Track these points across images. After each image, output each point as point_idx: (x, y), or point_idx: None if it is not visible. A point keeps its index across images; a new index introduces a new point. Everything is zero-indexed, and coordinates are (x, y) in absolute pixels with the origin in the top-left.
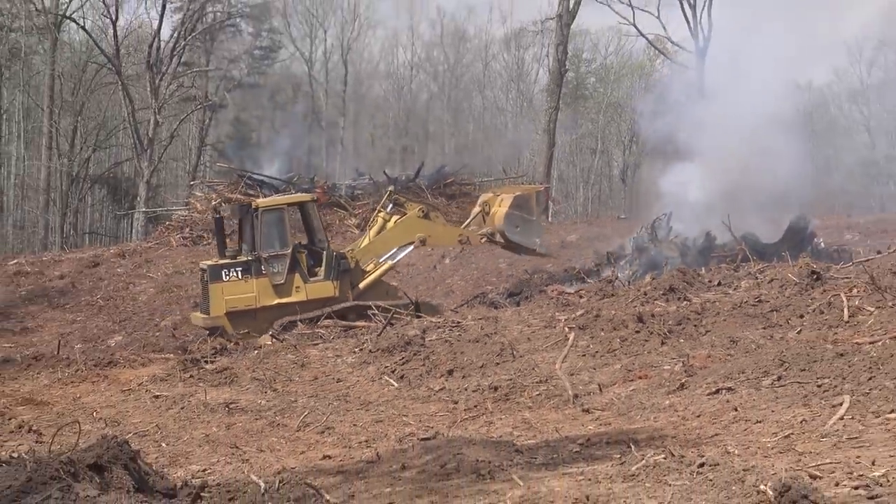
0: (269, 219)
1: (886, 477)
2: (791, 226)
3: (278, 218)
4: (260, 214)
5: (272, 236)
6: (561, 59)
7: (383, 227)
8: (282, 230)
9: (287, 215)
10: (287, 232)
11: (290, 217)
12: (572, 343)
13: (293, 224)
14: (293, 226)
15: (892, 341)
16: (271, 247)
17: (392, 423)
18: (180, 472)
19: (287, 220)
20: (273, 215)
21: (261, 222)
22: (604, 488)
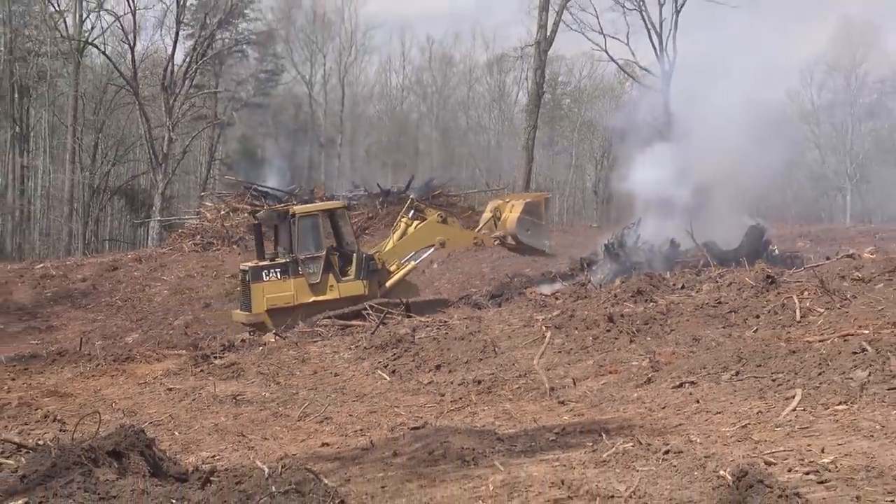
0: (305, 224)
1: (835, 463)
2: (748, 234)
3: (313, 223)
4: (297, 220)
5: (308, 240)
6: (539, 82)
7: (405, 232)
8: (316, 234)
9: (321, 221)
10: (321, 236)
11: (323, 223)
12: (549, 341)
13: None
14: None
15: (840, 340)
16: (307, 249)
17: (385, 413)
18: (191, 459)
19: (321, 225)
20: (308, 221)
21: (297, 227)
22: (577, 473)
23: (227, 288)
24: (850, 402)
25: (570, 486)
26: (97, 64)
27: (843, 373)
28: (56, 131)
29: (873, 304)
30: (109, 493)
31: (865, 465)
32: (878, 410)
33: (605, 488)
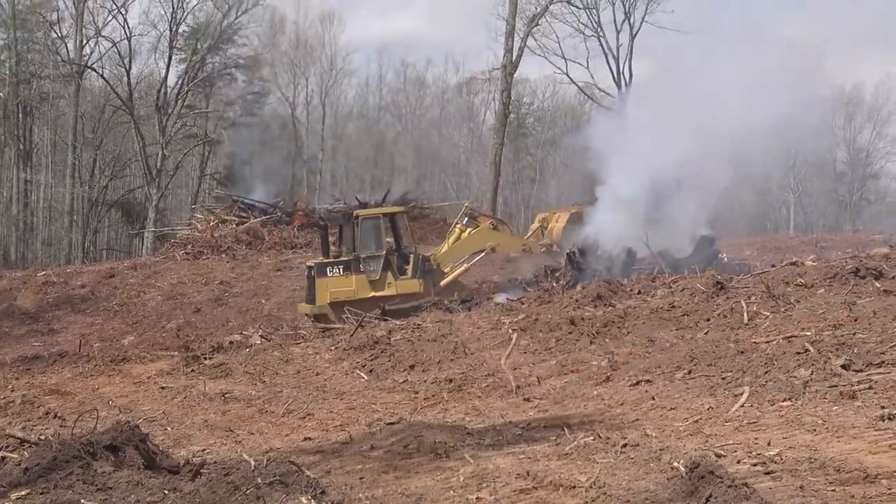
0: (367, 225)
1: (780, 456)
2: (699, 243)
3: (374, 225)
4: (360, 222)
5: (369, 240)
6: (505, 103)
7: (459, 237)
8: (377, 235)
9: (382, 223)
10: (382, 237)
11: (384, 225)
12: (515, 342)
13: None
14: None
15: (784, 341)
16: (368, 249)
17: (363, 410)
18: (183, 452)
19: (382, 226)
20: (370, 223)
21: (360, 228)
22: (542, 465)
23: (216, 294)
24: (795, 399)
25: (534, 477)
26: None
27: (788, 372)
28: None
29: (815, 308)
30: (106, 484)
31: (808, 457)
32: (820, 406)
33: (567, 479)
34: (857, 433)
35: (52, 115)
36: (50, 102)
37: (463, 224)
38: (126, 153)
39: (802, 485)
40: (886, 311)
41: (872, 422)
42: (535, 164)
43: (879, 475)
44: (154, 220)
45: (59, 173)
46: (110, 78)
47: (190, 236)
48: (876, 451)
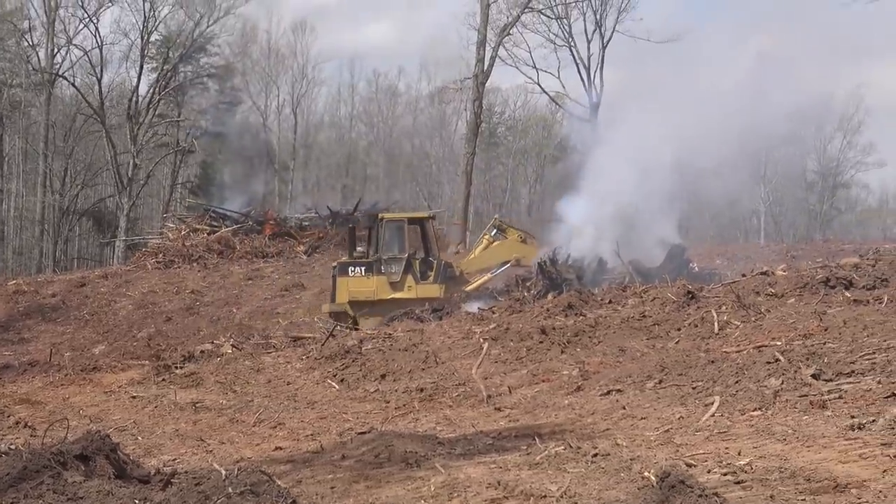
0: (391, 228)
1: (751, 465)
2: (670, 252)
3: (398, 228)
4: (384, 224)
5: (392, 242)
6: (477, 112)
7: (487, 247)
8: (401, 238)
9: (406, 227)
10: (405, 240)
11: (408, 230)
12: (486, 352)
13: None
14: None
15: (755, 350)
16: (391, 251)
17: (334, 419)
18: (154, 462)
19: (406, 231)
20: (394, 225)
21: (384, 230)
22: (513, 475)
23: (187, 303)
24: (765, 409)
25: (505, 487)
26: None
27: (758, 381)
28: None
29: (785, 317)
30: (77, 494)
31: (779, 466)
32: (790, 416)
33: (538, 489)
34: (828, 442)
35: (23, 123)
36: (21, 111)
37: (491, 235)
38: (97, 162)
39: (773, 494)
40: (856, 320)
41: (842, 431)
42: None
43: (849, 484)
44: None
45: (30, 182)
46: (82, 86)
47: (161, 245)
48: (846, 460)
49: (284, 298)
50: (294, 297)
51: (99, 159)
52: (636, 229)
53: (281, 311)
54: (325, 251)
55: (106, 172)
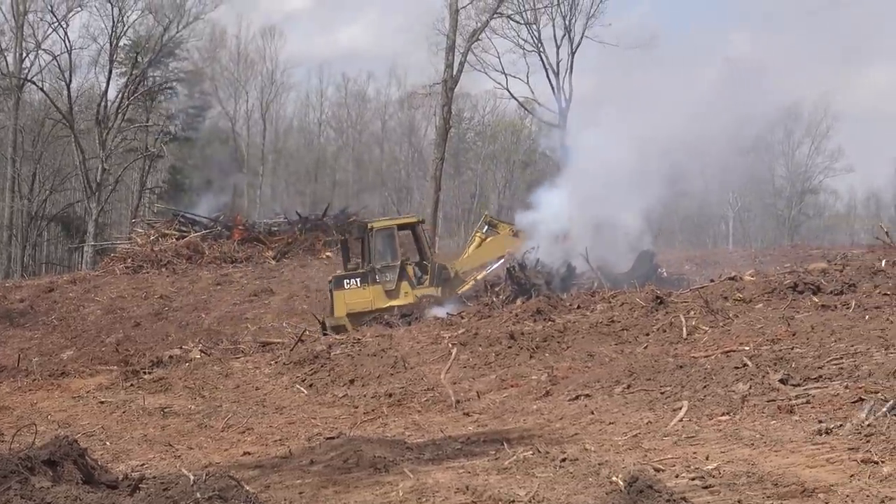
0: (381, 236)
1: (718, 470)
2: (639, 258)
3: (388, 235)
4: (374, 233)
5: (384, 251)
6: (446, 118)
7: (480, 244)
8: (392, 246)
9: (396, 234)
10: (396, 247)
11: (399, 236)
12: (455, 357)
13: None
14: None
15: (723, 356)
16: (384, 259)
17: (302, 424)
18: (122, 467)
19: (396, 237)
20: (384, 233)
21: (374, 240)
22: (481, 480)
23: (156, 308)
24: (733, 413)
25: (474, 492)
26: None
27: (726, 386)
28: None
29: (753, 322)
30: (45, 499)
31: (746, 471)
32: (758, 421)
33: (506, 493)
34: (795, 447)
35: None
36: None
37: (483, 232)
38: (66, 167)
39: (740, 499)
40: (824, 325)
41: (810, 436)
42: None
43: (817, 489)
44: (94, 234)
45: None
46: (50, 91)
47: (130, 250)
48: (813, 465)
49: (253, 304)
50: (263, 303)
51: (67, 164)
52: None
53: (250, 317)
54: (294, 256)
55: (75, 177)
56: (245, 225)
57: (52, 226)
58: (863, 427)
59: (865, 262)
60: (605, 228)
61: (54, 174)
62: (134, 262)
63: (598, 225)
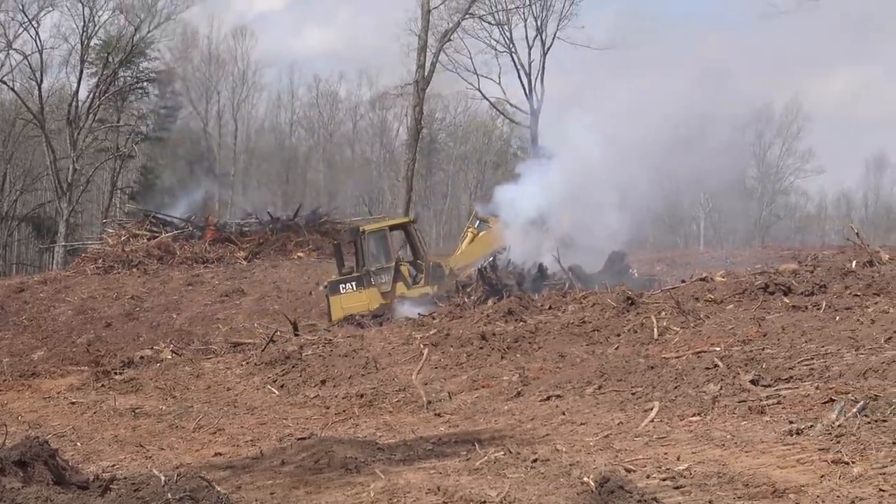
0: (373, 238)
1: (689, 470)
2: (610, 258)
3: (380, 237)
4: (366, 236)
5: (378, 253)
6: (417, 118)
7: (473, 240)
8: (385, 247)
9: (388, 235)
10: (390, 248)
11: (391, 237)
12: (426, 357)
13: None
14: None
15: (694, 356)
16: (377, 262)
17: (274, 425)
18: (93, 468)
19: (389, 238)
20: (376, 235)
21: (367, 242)
22: (452, 480)
23: (127, 309)
24: (704, 414)
25: (445, 492)
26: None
27: (697, 387)
28: None
29: (724, 323)
30: (15, 500)
31: (717, 471)
32: (728, 421)
33: (478, 494)
34: (766, 448)
35: None
36: None
37: (475, 227)
38: (37, 167)
39: (711, 499)
40: (795, 326)
41: (780, 436)
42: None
43: (787, 490)
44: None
45: None
46: (21, 91)
47: (101, 251)
48: (784, 465)
49: (224, 304)
50: (234, 303)
51: (38, 164)
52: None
53: (221, 317)
54: (266, 257)
55: (45, 177)
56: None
57: (23, 226)
58: (833, 428)
59: (836, 263)
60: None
61: (25, 174)
62: (105, 263)
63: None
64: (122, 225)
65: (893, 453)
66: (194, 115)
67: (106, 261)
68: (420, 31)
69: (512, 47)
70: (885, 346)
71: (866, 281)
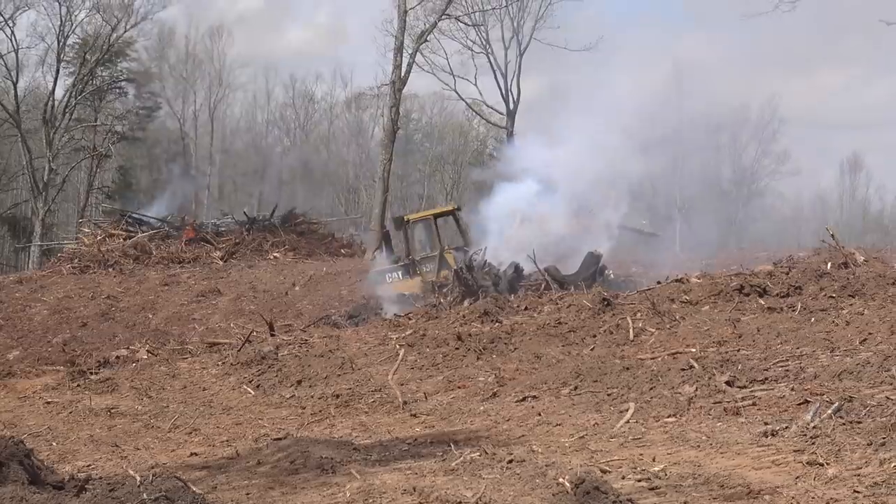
0: (419, 228)
1: (665, 471)
2: (586, 260)
3: (425, 227)
4: (410, 225)
5: (423, 242)
6: (394, 119)
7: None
8: (430, 236)
9: (433, 224)
10: (435, 237)
11: (436, 225)
12: (402, 358)
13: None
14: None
15: (669, 357)
16: (423, 250)
17: (249, 425)
18: (68, 468)
19: (434, 227)
20: (421, 224)
21: (412, 231)
22: (428, 481)
23: (103, 308)
24: (679, 415)
25: (421, 493)
26: None
27: (673, 388)
28: None
29: (700, 324)
30: None
31: (692, 472)
32: (704, 422)
33: (453, 494)
34: (741, 449)
35: None
36: None
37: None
38: (12, 166)
39: (686, 500)
40: (770, 328)
41: (756, 438)
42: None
43: (762, 491)
44: (41, 233)
45: None
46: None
47: (77, 250)
48: (759, 466)
49: (201, 304)
50: (210, 303)
51: (14, 164)
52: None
53: (197, 317)
54: (242, 257)
55: (21, 177)
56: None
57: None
58: (808, 429)
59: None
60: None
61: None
62: (81, 262)
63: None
64: (98, 225)
65: (868, 455)
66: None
67: (82, 260)
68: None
69: (488, 48)
70: (860, 347)
71: (841, 283)
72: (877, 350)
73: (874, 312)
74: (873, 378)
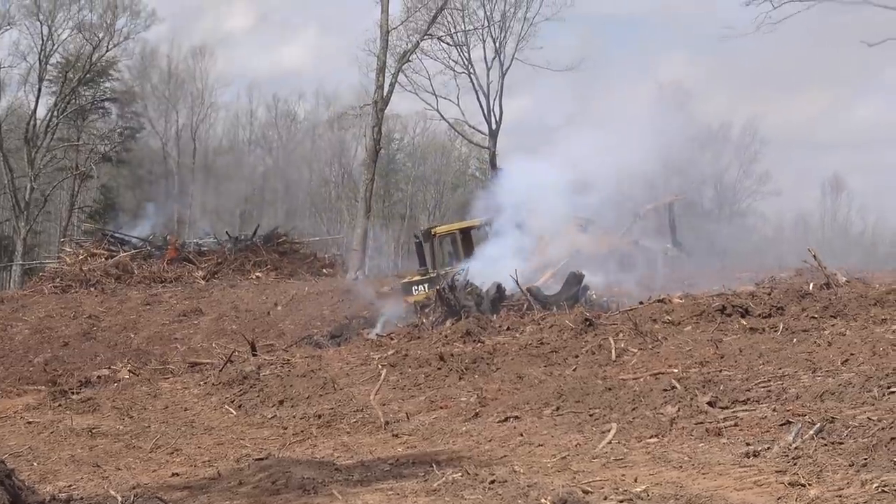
0: (444, 242)
1: (647, 492)
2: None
3: (451, 241)
4: (436, 239)
5: (449, 256)
6: (376, 139)
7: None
8: (455, 250)
9: (458, 238)
10: (460, 251)
11: (461, 240)
12: (384, 378)
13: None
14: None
15: (651, 378)
16: (448, 265)
17: (231, 445)
18: (49, 488)
19: (459, 242)
20: (447, 238)
21: (438, 245)
22: (410, 501)
23: (84, 328)
24: (661, 436)
25: None
26: None
27: (655, 408)
28: None
29: (682, 345)
30: None
31: (674, 493)
32: (686, 443)
33: None
34: (723, 470)
35: None
36: None
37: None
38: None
39: None
40: (752, 348)
41: (738, 458)
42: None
43: None
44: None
45: None
46: None
47: (58, 270)
48: (741, 487)
49: (182, 324)
50: (192, 323)
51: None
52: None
53: (179, 337)
54: (224, 277)
55: (3, 196)
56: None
57: None
58: (790, 450)
59: (793, 286)
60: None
61: None
62: (63, 282)
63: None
64: (80, 244)
65: (850, 476)
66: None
67: (63, 280)
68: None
69: (471, 68)
70: (842, 368)
71: (823, 303)
72: (858, 371)
73: (856, 333)
74: (855, 399)
